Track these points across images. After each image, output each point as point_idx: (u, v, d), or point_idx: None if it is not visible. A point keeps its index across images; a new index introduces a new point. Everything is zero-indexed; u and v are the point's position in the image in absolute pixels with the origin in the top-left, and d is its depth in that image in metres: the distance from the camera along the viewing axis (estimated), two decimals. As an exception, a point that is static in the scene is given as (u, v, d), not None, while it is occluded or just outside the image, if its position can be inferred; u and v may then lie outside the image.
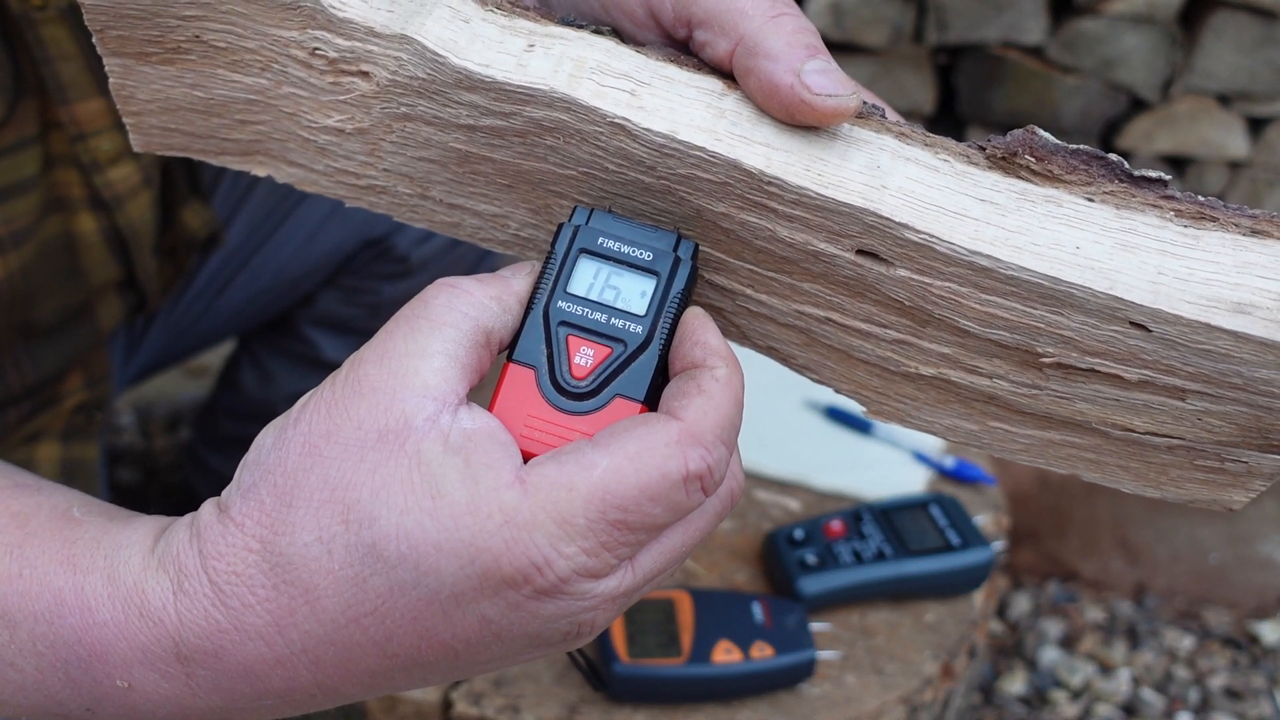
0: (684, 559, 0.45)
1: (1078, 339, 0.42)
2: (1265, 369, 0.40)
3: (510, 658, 0.44)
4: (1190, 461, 0.45)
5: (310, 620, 0.41)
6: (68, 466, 0.97)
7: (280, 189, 1.15)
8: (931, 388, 0.47)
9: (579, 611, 0.41)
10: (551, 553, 0.39)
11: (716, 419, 0.41)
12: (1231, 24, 1.60)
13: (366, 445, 0.41)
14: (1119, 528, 1.67)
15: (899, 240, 0.42)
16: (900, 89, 1.71)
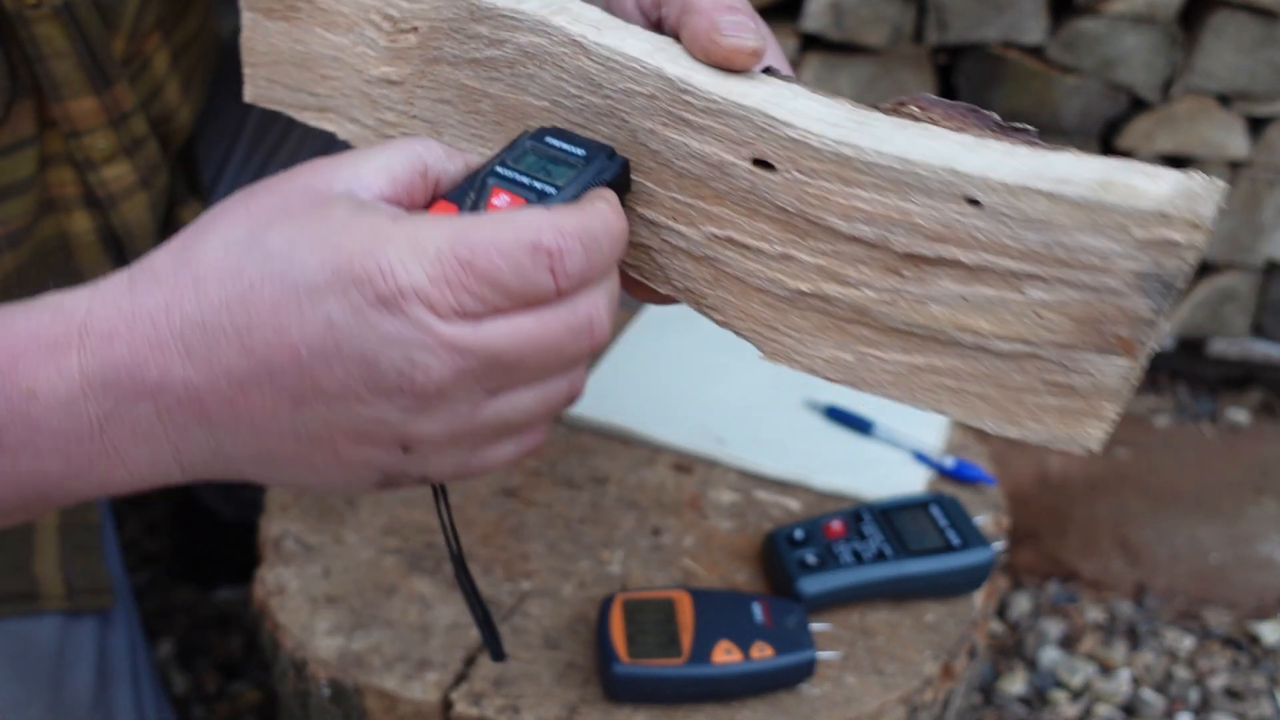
0: (537, 382, 0.48)
1: (923, 224, 0.47)
2: (1084, 234, 0.44)
3: (350, 406, 0.46)
4: (1040, 380, 0.48)
5: (193, 303, 0.46)
6: None
7: (262, 147, 1.15)
8: (812, 311, 0.53)
9: (414, 347, 0.44)
10: (398, 263, 0.44)
11: (584, 225, 0.47)
12: (1232, 24, 1.60)
13: (292, 194, 0.48)
14: (1119, 528, 1.67)
15: (783, 140, 0.50)
16: (900, 89, 1.71)
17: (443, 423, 0.47)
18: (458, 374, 0.46)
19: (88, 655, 0.93)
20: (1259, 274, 1.80)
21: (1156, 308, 0.44)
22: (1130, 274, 0.44)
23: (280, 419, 0.47)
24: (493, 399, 0.48)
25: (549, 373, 0.49)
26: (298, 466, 0.49)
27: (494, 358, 0.46)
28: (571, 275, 0.46)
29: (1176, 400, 1.94)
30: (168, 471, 0.50)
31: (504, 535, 0.91)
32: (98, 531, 0.97)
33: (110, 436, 0.48)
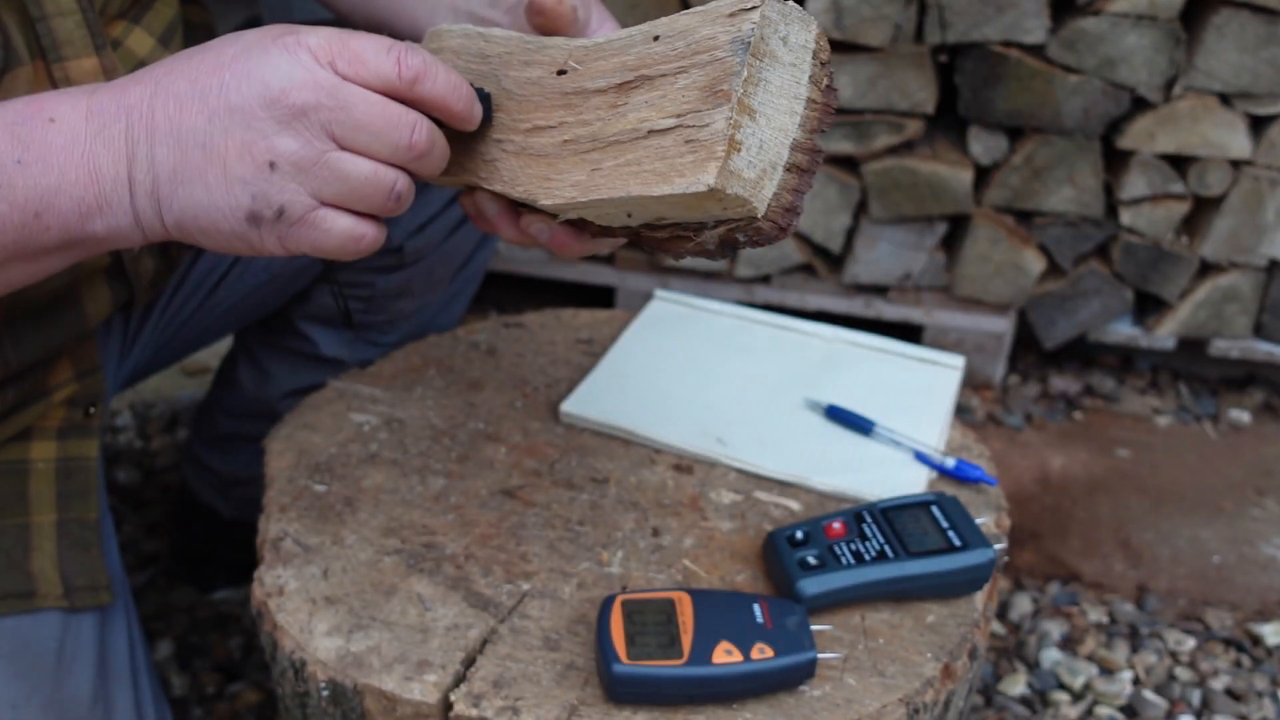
0: (370, 158, 0.66)
1: (630, 61, 0.69)
2: (703, 29, 0.66)
3: (243, 119, 0.64)
4: (683, 142, 0.65)
5: (169, 63, 0.66)
6: (64, 465, 0.97)
7: None
8: (568, 154, 0.71)
9: (296, 73, 0.63)
10: (303, 30, 0.65)
11: (430, 58, 0.67)
12: (1234, 23, 1.59)
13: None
14: (1120, 529, 1.66)
15: (575, 50, 0.73)
16: (901, 88, 1.70)
17: (298, 146, 0.64)
18: (318, 103, 0.63)
19: (87, 653, 0.93)
20: (1261, 274, 1.79)
21: (740, 60, 0.64)
22: (725, 43, 0.65)
23: (197, 130, 0.64)
24: (338, 151, 0.65)
25: (379, 151, 0.65)
26: (198, 184, 0.65)
27: (343, 104, 0.63)
28: (409, 68, 0.65)
29: (1178, 400, 1.94)
30: (117, 183, 0.66)
31: (504, 535, 0.90)
32: (95, 528, 0.97)
33: (92, 152, 0.65)
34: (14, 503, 0.93)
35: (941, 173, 1.76)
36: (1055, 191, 1.76)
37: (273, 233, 0.66)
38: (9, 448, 0.94)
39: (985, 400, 1.92)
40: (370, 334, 1.28)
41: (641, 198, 0.66)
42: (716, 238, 0.69)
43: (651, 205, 0.67)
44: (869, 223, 1.83)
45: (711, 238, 0.69)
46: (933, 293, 1.89)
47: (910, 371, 1.11)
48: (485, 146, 0.76)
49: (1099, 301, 1.86)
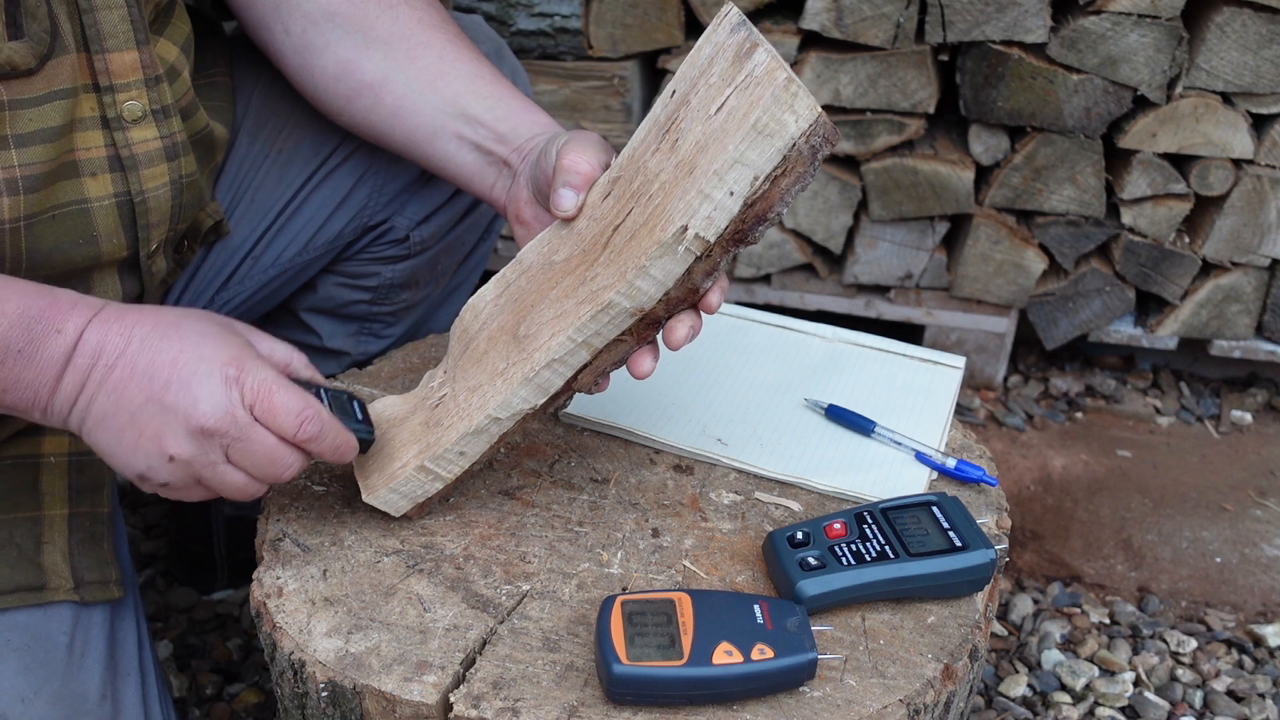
0: (247, 475, 0.82)
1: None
2: (703, 50, 0.83)
3: (166, 415, 0.79)
4: (743, 89, 0.76)
5: (149, 326, 0.81)
6: (76, 459, 0.97)
7: (284, 184, 1.15)
8: (659, 196, 0.80)
9: (221, 403, 0.79)
10: (249, 370, 0.81)
11: (332, 427, 0.84)
12: (1236, 21, 1.59)
13: (225, 321, 0.86)
14: (1122, 530, 1.66)
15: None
16: (902, 87, 1.70)
17: (195, 452, 0.79)
18: (225, 431, 0.79)
19: (96, 648, 0.93)
20: (1263, 274, 1.79)
21: (746, 30, 0.77)
22: (726, 32, 0.79)
23: (134, 402, 0.79)
24: (225, 465, 0.81)
25: (256, 473, 0.82)
26: (113, 435, 0.80)
27: (244, 438, 0.80)
28: (304, 434, 0.81)
29: (1180, 401, 1.94)
30: (63, 404, 0.81)
31: (504, 536, 0.90)
32: (107, 522, 0.97)
33: (63, 372, 0.79)
34: (26, 496, 0.93)
35: (942, 172, 1.75)
36: (1056, 191, 1.76)
37: (155, 489, 0.83)
38: (21, 442, 0.94)
39: (986, 400, 1.91)
40: (374, 326, 1.28)
41: (741, 146, 0.74)
42: (806, 150, 0.76)
43: (749, 153, 0.75)
44: (869, 222, 1.83)
45: (802, 151, 0.76)
46: (933, 293, 1.89)
47: (911, 371, 1.11)
48: (577, 301, 0.83)
49: (1100, 301, 1.86)
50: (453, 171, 1.04)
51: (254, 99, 1.14)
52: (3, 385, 0.80)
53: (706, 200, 0.76)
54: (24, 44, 0.82)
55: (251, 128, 1.14)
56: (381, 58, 1.03)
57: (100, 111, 0.91)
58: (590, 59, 1.75)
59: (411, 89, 1.02)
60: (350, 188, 1.17)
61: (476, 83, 1.02)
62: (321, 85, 1.07)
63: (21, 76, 0.84)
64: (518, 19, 1.73)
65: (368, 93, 1.04)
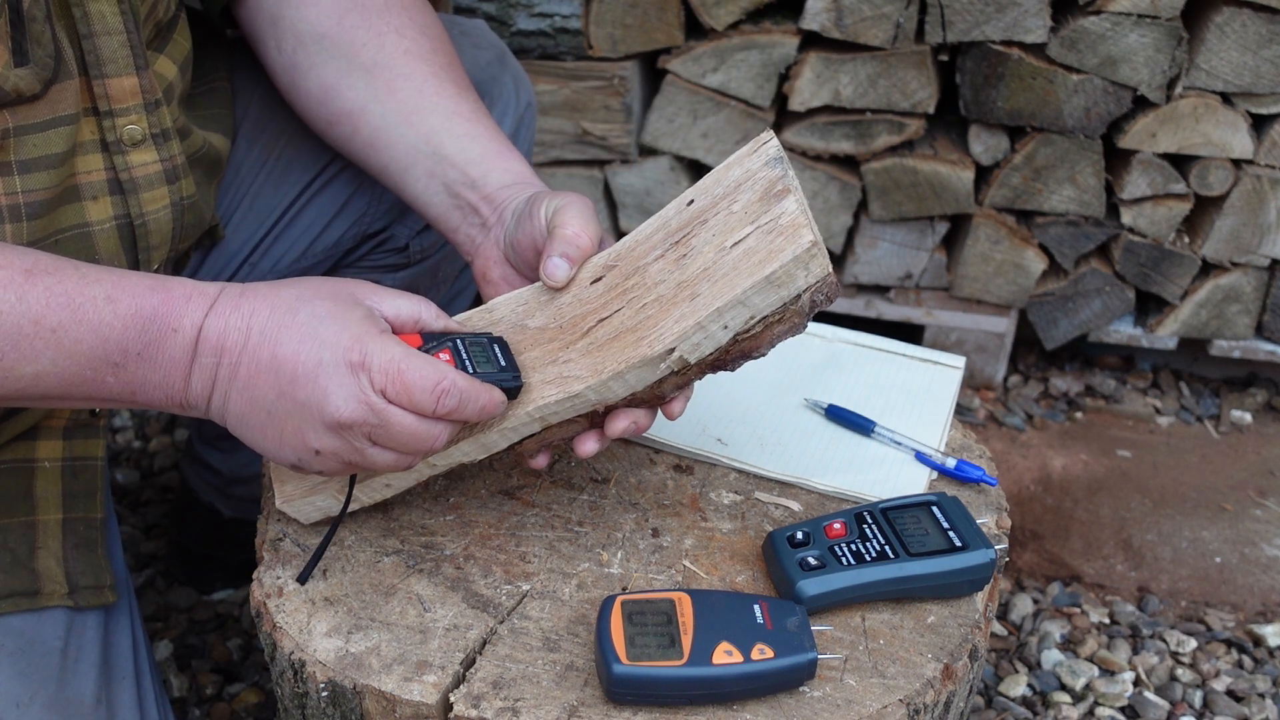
0: (393, 453, 0.79)
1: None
2: (733, 171, 0.84)
3: (301, 411, 0.77)
4: (766, 234, 0.79)
5: (264, 317, 0.78)
6: (70, 464, 0.97)
7: (282, 190, 1.15)
8: (652, 309, 0.82)
9: (353, 394, 0.76)
10: (372, 353, 0.77)
11: (471, 388, 0.79)
12: (1236, 22, 1.59)
13: (341, 290, 0.82)
14: (1121, 530, 1.66)
15: None
16: (902, 87, 1.70)
17: (339, 444, 0.78)
18: (363, 421, 0.77)
19: (91, 653, 0.93)
20: (1263, 274, 1.79)
21: (782, 168, 0.80)
22: (761, 165, 0.81)
23: (267, 398, 0.78)
24: (372, 448, 0.79)
25: (403, 450, 0.79)
26: (256, 431, 0.79)
27: (384, 423, 0.77)
28: (443, 408, 0.78)
29: (1179, 401, 1.94)
30: (199, 399, 0.79)
31: (504, 536, 0.90)
32: (100, 527, 0.97)
33: (190, 371, 0.78)
34: (20, 501, 0.93)
35: (942, 172, 1.75)
36: (1056, 191, 1.76)
37: (314, 472, 0.82)
38: (15, 446, 0.94)
39: (986, 400, 1.91)
40: None
41: (749, 291, 0.76)
42: (806, 304, 0.78)
43: (754, 297, 0.77)
44: (869, 222, 1.83)
45: (801, 306, 0.77)
46: (933, 293, 1.89)
47: (911, 371, 1.11)
48: (543, 380, 0.84)
49: (1100, 301, 1.86)
50: (422, 207, 1.03)
51: (253, 104, 1.14)
52: (130, 388, 0.78)
53: (701, 330, 0.78)
54: (29, 70, 0.82)
55: (250, 133, 1.14)
56: (363, 86, 1.02)
57: (100, 135, 0.91)
58: (590, 59, 1.75)
59: (388, 121, 1.01)
60: (349, 195, 1.17)
61: (452, 120, 1.01)
62: (306, 106, 1.07)
63: (26, 102, 0.84)
64: (518, 19, 1.73)
65: (346, 120, 1.04)
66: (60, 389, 0.78)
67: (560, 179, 1.86)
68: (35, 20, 0.82)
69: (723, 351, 0.80)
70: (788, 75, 1.72)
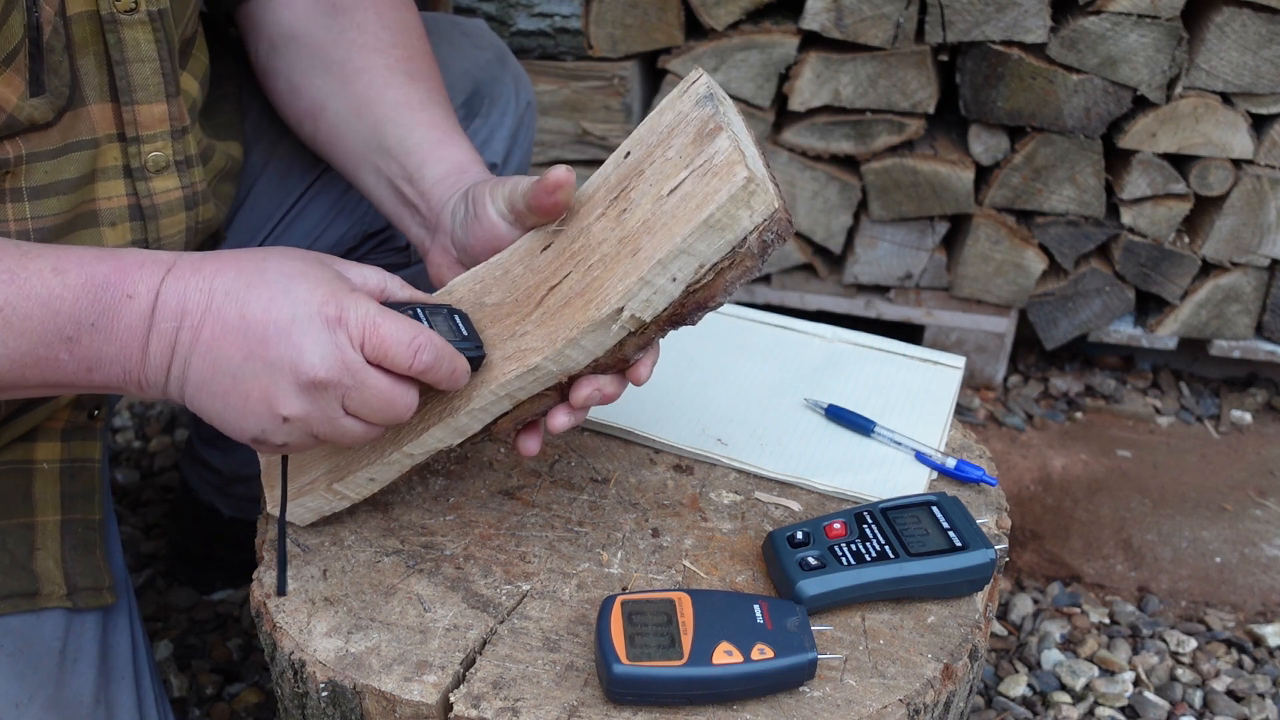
0: (365, 423, 0.77)
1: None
2: (665, 116, 0.82)
3: (271, 372, 0.73)
4: (702, 176, 0.75)
5: (231, 278, 0.75)
6: (69, 466, 0.97)
7: (283, 191, 1.15)
8: (598, 269, 0.79)
9: (329, 350, 0.72)
10: (348, 307, 0.74)
11: (443, 348, 0.77)
12: (1236, 22, 1.59)
13: (310, 256, 0.78)
14: (1121, 530, 1.66)
15: None
16: (902, 87, 1.70)
17: (309, 409, 0.74)
18: (338, 380, 0.73)
19: (89, 653, 0.93)
20: (1263, 274, 1.79)
21: (711, 106, 0.76)
22: (691, 105, 0.78)
23: (233, 361, 0.73)
24: (344, 417, 0.75)
25: (374, 419, 0.76)
26: (218, 399, 0.75)
27: (359, 384, 0.74)
28: (419, 364, 0.75)
29: (1179, 401, 1.94)
30: (158, 372, 0.75)
31: (503, 536, 0.90)
32: (99, 529, 0.97)
33: (148, 339, 0.74)
34: (18, 503, 0.93)
35: (942, 172, 1.75)
36: (1056, 191, 1.76)
37: (271, 450, 0.79)
38: (14, 448, 0.94)
39: (986, 400, 1.91)
40: None
41: (690, 238, 0.73)
42: (755, 245, 0.74)
43: (697, 244, 0.73)
44: (869, 222, 1.83)
45: (750, 248, 0.74)
46: (933, 293, 1.89)
47: (911, 371, 1.11)
48: (504, 356, 0.81)
49: (1100, 301, 1.86)
50: (376, 204, 1.02)
51: (253, 106, 1.14)
52: (86, 364, 0.74)
53: (647, 286, 0.75)
54: (44, 99, 0.82)
55: (251, 134, 1.14)
56: (321, 83, 1.02)
57: (124, 161, 0.90)
58: (590, 59, 1.75)
59: (341, 116, 1.00)
60: (349, 194, 1.17)
61: (399, 110, 0.99)
62: (279, 106, 1.07)
63: (39, 130, 0.84)
64: (518, 19, 1.73)
65: (309, 118, 1.03)
66: (14, 372, 0.74)
67: (560, 179, 1.86)
68: (54, 51, 0.82)
69: (677, 305, 0.76)
70: (788, 75, 1.72)
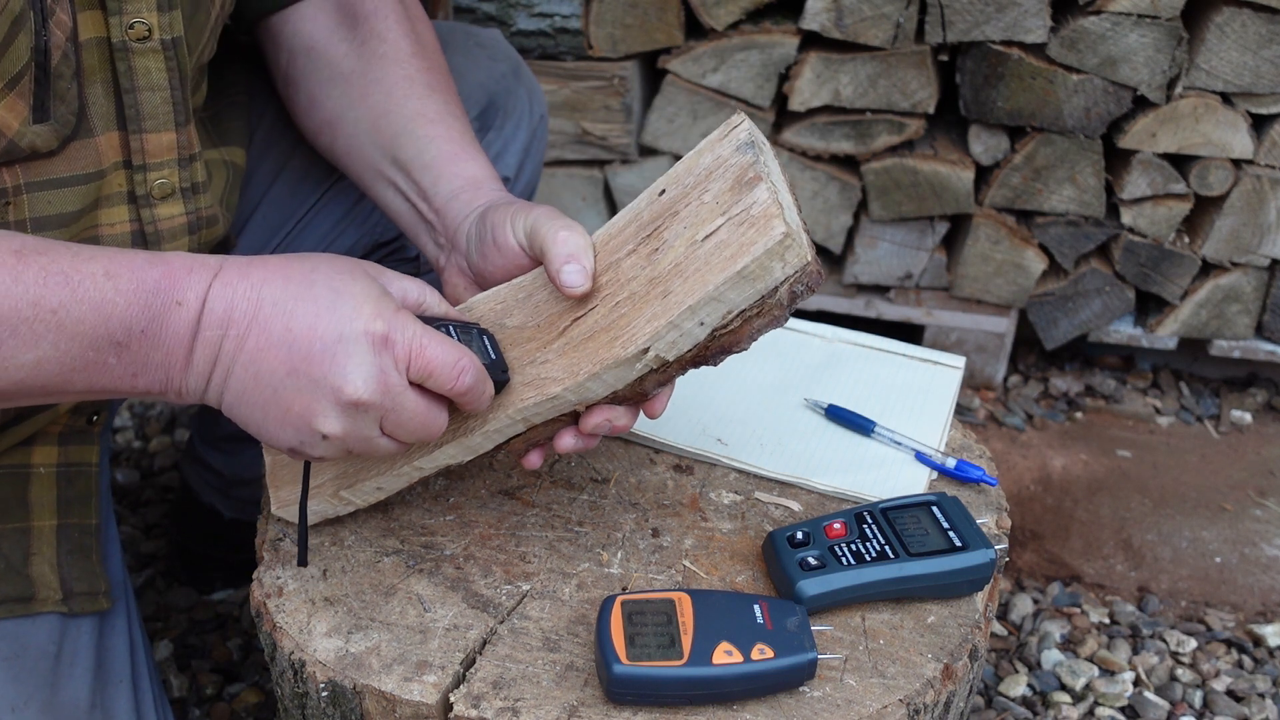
0: (399, 441, 0.77)
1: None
2: (704, 159, 0.82)
3: (314, 388, 0.73)
4: (738, 226, 0.76)
5: (278, 288, 0.74)
6: (65, 470, 0.97)
7: (295, 200, 1.15)
8: (625, 306, 0.80)
9: (373, 371, 0.72)
10: (396, 328, 0.74)
11: (482, 374, 0.77)
12: (1236, 22, 1.59)
13: (357, 267, 0.78)
14: (1121, 529, 1.66)
15: None
16: (902, 87, 1.70)
17: (348, 428, 0.74)
18: (379, 403, 0.74)
19: (85, 657, 0.93)
20: (1263, 274, 1.79)
21: (752, 154, 0.76)
22: (731, 151, 0.78)
23: (276, 375, 0.73)
24: (379, 436, 0.76)
25: (409, 437, 0.77)
26: (257, 410, 0.75)
27: (398, 408, 0.74)
28: (460, 387, 0.76)
29: (1179, 401, 1.94)
30: (199, 380, 0.75)
31: (503, 536, 0.90)
32: (95, 534, 0.97)
33: (193, 348, 0.74)
34: (14, 507, 0.93)
35: (942, 172, 1.75)
36: (1056, 191, 1.76)
37: (305, 458, 0.80)
38: (11, 453, 0.94)
39: (986, 400, 1.91)
40: None
41: (722, 287, 0.73)
42: (785, 297, 0.75)
43: (728, 293, 0.74)
44: (869, 222, 1.83)
45: (780, 299, 0.75)
46: (933, 293, 1.89)
47: (911, 371, 1.11)
48: (523, 381, 0.82)
49: (1100, 301, 1.86)
50: (393, 219, 1.01)
51: (268, 114, 1.14)
52: (132, 369, 0.74)
53: (675, 329, 0.75)
54: (48, 127, 0.81)
55: (263, 143, 1.14)
56: (339, 94, 1.01)
57: (129, 187, 0.90)
58: (590, 59, 1.75)
59: (358, 129, 1.00)
60: (360, 204, 1.17)
61: (414, 123, 0.98)
62: (297, 118, 1.07)
63: (41, 158, 0.83)
64: (518, 19, 1.73)
65: (327, 129, 1.03)
66: (61, 376, 0.73)
67: (560, 179, 1.86)
68: (62, 77, 0.81)
69: (701, 348, 0.77)
70: (788, 75, 1.72)
